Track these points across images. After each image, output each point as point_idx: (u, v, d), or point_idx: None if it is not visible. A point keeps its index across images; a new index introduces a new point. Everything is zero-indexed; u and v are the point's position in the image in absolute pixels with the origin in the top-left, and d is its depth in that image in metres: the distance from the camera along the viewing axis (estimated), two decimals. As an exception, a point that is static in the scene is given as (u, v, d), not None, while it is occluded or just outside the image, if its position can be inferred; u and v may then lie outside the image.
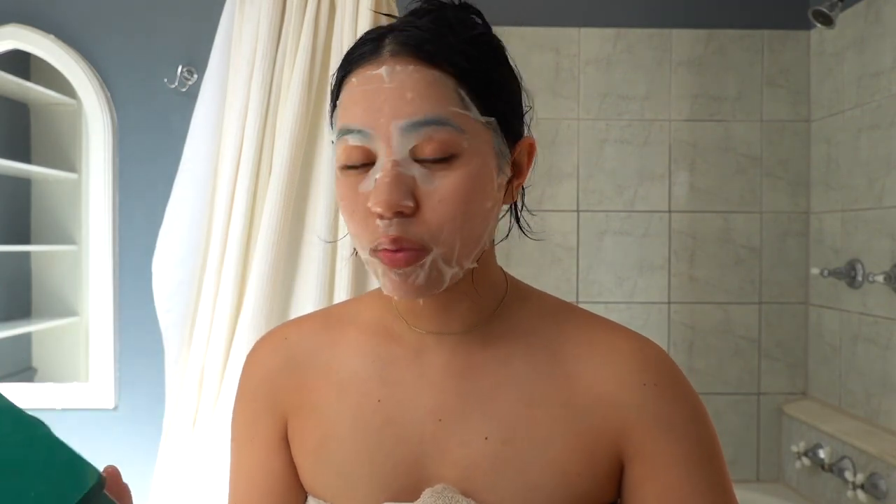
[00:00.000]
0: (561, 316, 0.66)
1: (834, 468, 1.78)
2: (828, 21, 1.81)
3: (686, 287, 2.11)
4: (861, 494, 1.64)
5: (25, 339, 2.11)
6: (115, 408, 1.99)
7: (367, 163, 0.56)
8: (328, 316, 0.71)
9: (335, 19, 1.62)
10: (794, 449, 1.93)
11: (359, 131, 0.56)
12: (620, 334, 0.65)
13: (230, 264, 1.59)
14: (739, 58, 2.10)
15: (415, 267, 0.56)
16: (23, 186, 2.09)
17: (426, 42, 0.56)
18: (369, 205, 0.55)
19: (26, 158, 2.08)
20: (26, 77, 2.04)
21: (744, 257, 2.11)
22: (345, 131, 0.57)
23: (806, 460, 1.88)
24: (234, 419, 0.71)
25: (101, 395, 1.97)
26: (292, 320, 0.74)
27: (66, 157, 2.09)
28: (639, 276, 2.11)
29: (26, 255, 2.10)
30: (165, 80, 1.97)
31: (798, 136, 2.11)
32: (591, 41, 2.09)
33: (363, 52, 0.58)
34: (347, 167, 0.58)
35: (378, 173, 0.55)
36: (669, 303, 2.11)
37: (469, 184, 0.56)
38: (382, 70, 0.55)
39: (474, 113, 0.57)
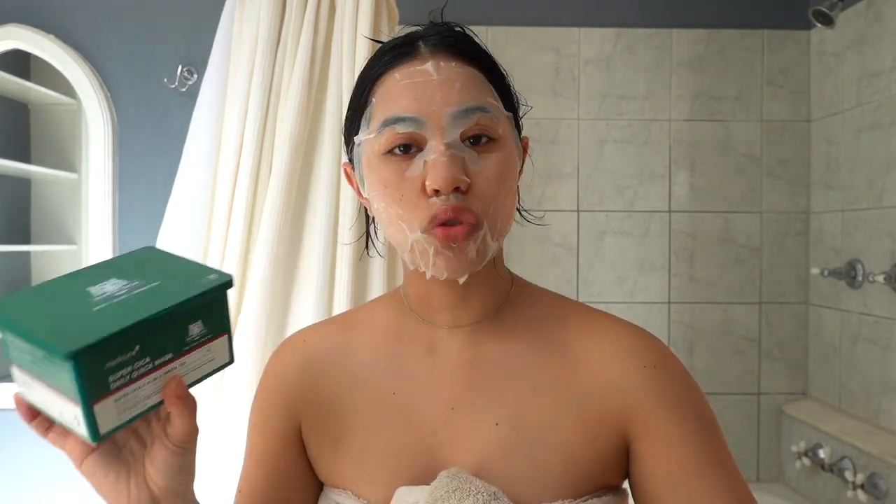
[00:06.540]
0: (560, 308, 0.71)
1: (834, 468, 1.78)
2: (828, 21, 1.81)
3: (686, 287, 2.11)
4: (861, 494, 1.64)
5: (25, 339, 2.10)
6: (116, 408, 1.99)
7: (413, 149, 0.61)
8: (345, 320, 0.76)
9: (335, 19, 1.62)
10: (794, 449, 1.93)
11: (411, 119, 0.60)
12: (617, 323, 0.69)
13: (230, 264, 1.59)
14: (739, 58, 2.09)
15: (468, 241, 0.60)
16: (23, 186, 2.09)
17: (461, 42, 0.64)
18: (427, 183, 0.59)
19: (26, 158, 2.07)
20: (26, 77, 2.04)
21: (744, 257, 2.11)
22: (392, 121, 0.61)
23: (806, 460, 1.88)
24: (252, 409, 0.75)
25: (102, 395, 1.97)
26: (313, 325, 0.78)
27: (65, 157, 2.09)
28: (639, 276, 2.11)
29: (26, 255, 2.10)
30: (165, 80, 1.97)
31: (798, 136, 2.11)
32: (591, 41, 2.09)
33: (400, 53, 0.63)
34: (393, 154, 0.61)
35: (431, 155, 0.60)
36: (669, 303, 2.11)
37: (505, 165, 0.62)
38: (428, 65, 0.61)
39: (501, 106, 0.64)
